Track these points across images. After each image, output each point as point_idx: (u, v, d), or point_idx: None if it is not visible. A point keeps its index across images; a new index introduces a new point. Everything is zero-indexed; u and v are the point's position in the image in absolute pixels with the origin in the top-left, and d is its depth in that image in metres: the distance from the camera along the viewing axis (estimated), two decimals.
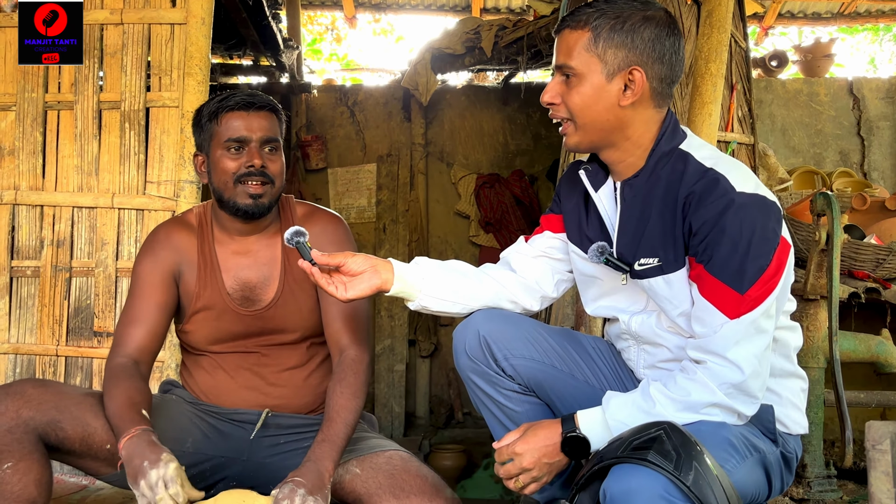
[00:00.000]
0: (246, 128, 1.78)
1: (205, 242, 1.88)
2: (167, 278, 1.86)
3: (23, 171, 2.70)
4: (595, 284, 1.71)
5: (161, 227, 1.96)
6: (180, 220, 1.95)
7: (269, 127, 1.81)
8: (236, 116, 1.78)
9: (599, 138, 1.55)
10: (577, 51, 1.50)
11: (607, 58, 1.49)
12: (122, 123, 2.67)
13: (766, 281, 1.42)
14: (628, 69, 1.49)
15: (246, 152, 1.79)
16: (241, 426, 1.87)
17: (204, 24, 2.60)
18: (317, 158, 5.53)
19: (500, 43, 4.65)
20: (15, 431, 1.57)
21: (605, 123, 1.53)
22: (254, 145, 1.79)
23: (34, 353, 2.64)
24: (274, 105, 1.84)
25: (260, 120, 1.79)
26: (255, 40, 4.73)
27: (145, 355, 1.81)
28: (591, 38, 1.49)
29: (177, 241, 1.89)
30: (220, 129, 1.79)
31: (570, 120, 1.55)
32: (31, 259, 2.69)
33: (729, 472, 1.33)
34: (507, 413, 1.73)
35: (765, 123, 5.18)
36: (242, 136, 1.78)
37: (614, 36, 1.48)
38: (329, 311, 1.85)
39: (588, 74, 1.50)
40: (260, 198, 1.80)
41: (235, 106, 1.77)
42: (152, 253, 1.88)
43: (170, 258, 1.87)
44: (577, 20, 1.51)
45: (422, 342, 5.46)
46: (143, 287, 1.84)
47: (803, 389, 1.65)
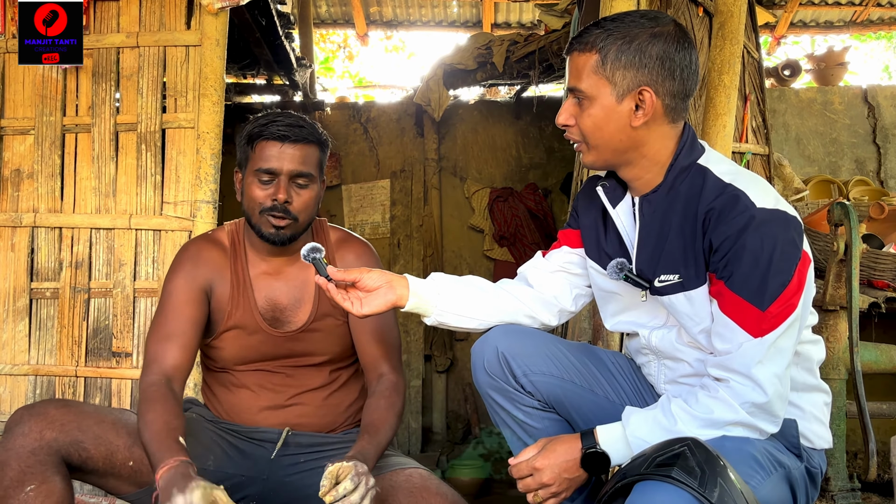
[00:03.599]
0: (277, 159, 1.74)
1: (237, 261, 1.87)
2: (199, 294, 1.84)
3: (42, 194, 2.73)
4: (614, 300, 1.70)
5: (192, 243, 1.95)
6: (211, 238, 1.93)
7: (302, 160, 1.76)
8: (271, 146, 1.74)
9: (614, 157, 1.55)
10: (585, 73, 1.50)
11: (616, 79, 1.48)
12: (139, 145, 2.70)
13: (787, 297, 1.41)
14: (637, 90, 1.48)
15: (274, 184, 1.76)
16: (261, 445, 1.86)
17: (218, 45, 2.63)
18: (331, 175, 5.56)
19: (512, 58, 4.67)
20: (38, 453, 1.57)
21: (619, 144, 1.52)
22: (283, 178, 1.75)
23: (54, 374, 2.66)
24: (315, 136, 1.79)
25: (294, 152, 1.75)
26: (268, 60, 4.77)
27: (179, 373, 1.77)
28: (598, 61, 1.48)
29: (208, 258, 1.87)
30: (254, 155, 1.77)
31: (582, 142, 1.55)
32: (50, 281, 2.71)
33: (754, 489, 1.32)
34: (527, 430, 1.71)
35: (779, 133, 5.16)
36: (272, 168, 1.75)
37: (622, 57, 1.47)
38: (362, 336, 1.85)
39: (598, 97, 1.50)
40: (282, 230, 1.78)
41: (271, 136, 1.74)
42: (184, 269, 1.85)
43: (202, 274, 1.85)
44: (585, 42, 1.50)
45: (438, 357, 5.45)
46: (177, 303, 1.81)
47: (826, 403, 1.63)
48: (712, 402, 1.43)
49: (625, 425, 1.48)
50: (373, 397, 1.78)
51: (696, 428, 1.42)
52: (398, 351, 1.87)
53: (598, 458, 1.48)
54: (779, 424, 1.47)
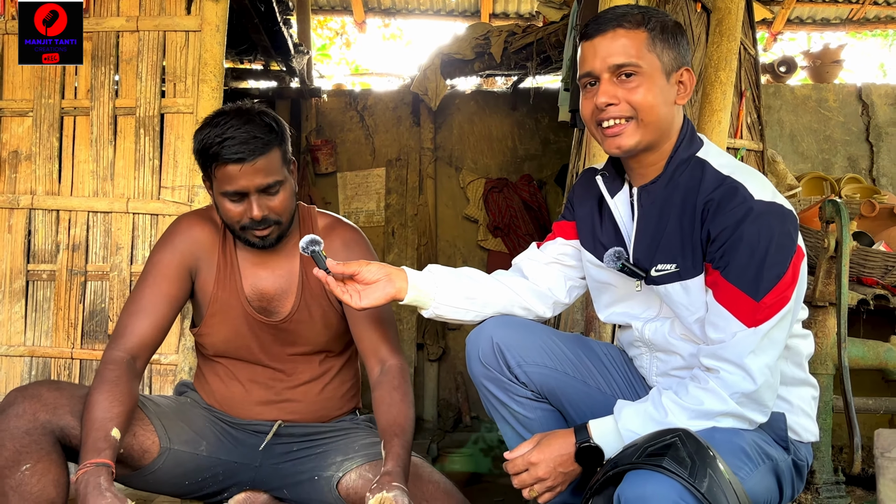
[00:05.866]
0: (242, 180, 1.68)
1: (227, 243, 1.86)
2: (182, 271, 1.83)
3: (39, 176, 2.73)
4: (608, 291, 1.73)
5: (184, 217, 1.92)
6: (205, 215, 1.91)
7: (266, 171, 1.70)
8: (231, 169, 1.67)
9: (656, 137, 1.55)
10: (639, 50, 1.51)
11: (664, 58, 1.52)
12: (138, 129, 2.70)
13: (782, 289, 1.44)
14: (679, 70, 1.54)
15: (246, 202, 1.71)
16: (253, 435, 1.88)
17: (218, 31, 2.63)
18: (326, 162, 5.56)
19: (510, 49, 4.67)
20: (32, 433, 1.58)
21: (664, 121, 1.54)
22: (252, 196, 1.71)
23: (49, 356, 2.67)
24: (271, 139, 1.71)
25: (256, 168, 1.68)
26: (266, 45, 4.77)
27: (144, 350, 1.76)
28: (649, 38, 1.51)
29: (198, 235, 1.85)
30: (216, 178, 1.71)
31: (631, 118, 1.53)
32: (46, 263, 2.71)
33: (742, 480, 1.35)
34: (520, 419, 1.74)
35: (773, 129, 5.19)
36: (239, 190, 1.70)
37: (667, 38, 1.53)
38: (360, 325, 1.83)
39: (653, 73, 1.51)
40: (266, 237, 1.77)
41: (228, 160, 1.66)
42: (171, 243, 1.84)
43: (189, 251, 1.84)
44: (630, 20, 1.52)
45: (430, 346, 5.48)
46: (156, 276, 1.80)
47: (814, 397, 1.66)
48: (702, 394, 1.46)
49: (617, 419, 1.51)
50: (383, 389, 1.75)
51: (687, 419, 1.45)
52: (396, 333, 1.87)
53: (591, 452, 1.51)
54: (767, 415, 1.50)
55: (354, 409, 2.01)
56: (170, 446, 1.78)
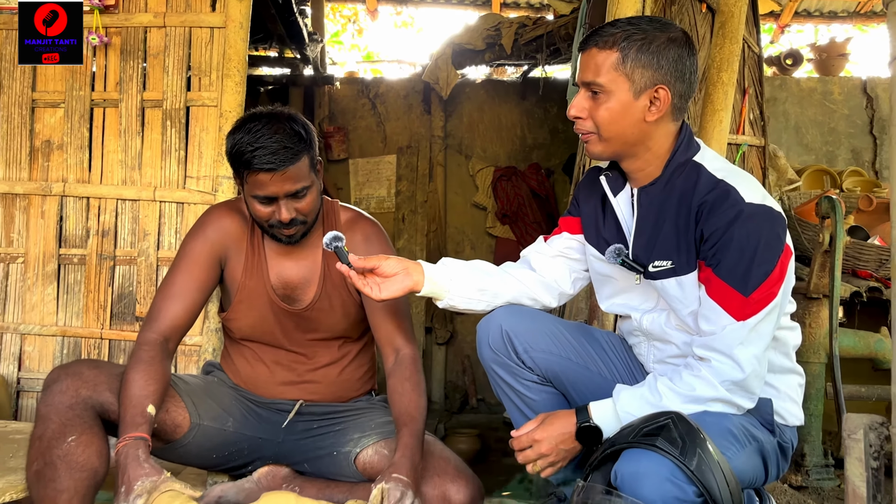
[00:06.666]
0: (272, 187, 1.78)
1: (255, 235, 1.96)
2: (212, 259, 1.94)
3: (71, 165, 2.84)
4: (610, 283, 1.84)
5: (215, 208, 2.03)
6: (234, 206, 2.01)
7: (295, 178, 1.79)
8: (262, 176, 1.76)
9: (622, 149, 1.66)
10: (605, 69, 1.59)
11: (635, 77, 1.58)
12: (164, 121, 2.81)
13: (769, 286, 1.54)
14: (654, 87, 1.59)
15: (274, 205, 1.81)
16: (277, 413, 1.99)
17: (242, 27, 2.73)
18: (339, 149, 5.65)
19: (520, 40, 4.75)
20: (75, 408, 1.70)
21: (630, 137, 1.63)
22: (281, 201, 1.81)
23: (80, 336, 2.79)
24: (301, 148, 1.79)
25: (286, 176, 1.77)
26: (281, 34, 4.85)
27: (176, 332, 1.88)
28: (619, 58, 1.58)
29: (228, 226, 1.96)
30: (247, 182, 1.81)
31: (594, 133, 1.65)
32: (77, 247, 2.83)
33: (729, 459, 1.46)
34: (526, 401, 1.86)
35: (779, 121, 5.26)
36: (268, 196, 1.80)
37: (641, 56, 1.58)
38: (377, 314, 1.92)
39: (616, 92, 1.60)
40: (293, 236, 1.87)
41: (260, 168, 1.75)
42: (203, 232, 1.95)
43: (219, 241, 1.94)
44: (605, 40, 1.60)
45: (438, 330, 5.59)
46: (188, 264, 1.92)
47: (800, 385, 1.77)
48: (695, 381, 1.57)
49: (615, 401, 1.62)
50: (396, 379, 1.85)
51: (680, 403, 1.56)
52: (410, 324, 1.96)
53: (591, 432, 1.62)
54: (755, 401, 1.61)
55: (371, 390, 2.13)
56: (199, 422, 1.90)
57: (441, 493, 1.73)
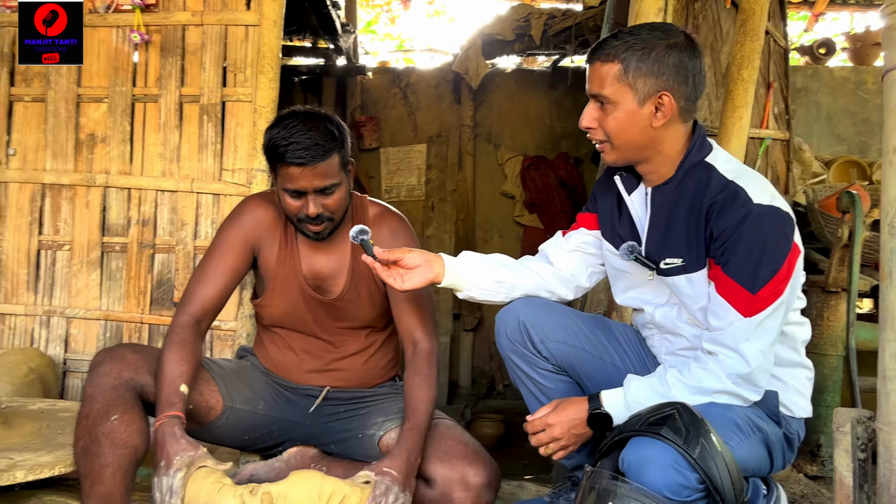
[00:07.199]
0: (302, 181, 1.85)
1: (288, 226, 2.05)
2: (245, 248, 2.02)
3: (113, 157, 2.96)
4: (624, 278, 1.90)
5: (250, 199, 2.12)
6: (269, 198, 2.09)
7: (325, 175, 1.86)
8: (293, 170, 1.84)
9: (634, 155, 1.73)
10: (609, 81, 1.66)
11: (637, 86, 1.65)
12: (201, 116, 2.91)
13: (776, 284, 1.59)
14: (657, 94, 1.65)
15: (303, 199, 1.89)
16: (305, 397, 2.09)
17: (275, 25, 2.83)
18: (370, 138, 5.75)
19: (549, 31, 4.79)
20: (118, 389, 1.80)
21: (640, 143, 1.70)
22: (310, 196, 1.88)
23: (122, 320, 2.93)
24: (332, 146, 1.87)
25: (315, 172, 1.84)
26: (314, 25, 4.96)
27: (207, 315, 1.97)
28: (621, 70, 1.65)
29: (262, 216, 2.04)
30: (279, 175, 1.89)
31: (607, 142, 1.72)
32: (119, 236, 2.96)
33: (732, 449, 1.52)
34: (542, 389, 1.94)
35: (811, 111, 5.22)
36: (298, 189, 1.87)
37: (642, 66, 1.64)
38: (400, 306, 2.00)
39: (621, 102, 1.66)
40: (320, 233, 1.95)
41: (292, 162, 1.83)
42: (237, 222, 2.04)
43: (253, 230, 2.03)
44: (607, 53, 1.67)
45: (466, 316, 5.67)
46: (222, 250, 2.01)
47: (809, 378, 1.82)
48: (702, 373, 1.64)
49: (626, 390, 1.69)
50: (410, 372, 1.93)
51: (688, 394, 1.63)
52: (432, 317, 2.04)
53: (602, 418, 1.69)
54: (760, 394, 1.67)
55: (394, 376, 2.22)
56: (232, 405, 2.00)
57: (459, 476, 1.79)
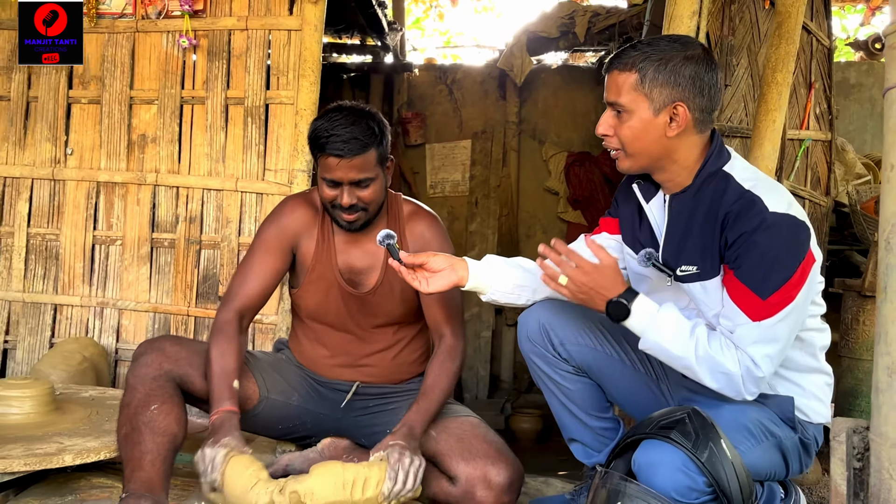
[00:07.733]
0: (339, 172, 1.93)
1: (325, 223, 2.13)
2: (285, 246, 2.11)
3: (162, 157, 3.10)
4: (645, 282, 1.92)
5: (289, 199, 2.20)
6: (308, 198, 2.18)
7: (361, 169, 1.93)
8: (332, 161, 1.92)
9: (648, 163, 1.76)
10: (625, 90, 1.69)
11: (653, 96, 1.68)
12: (245, 118, 3.03)
13: (787, 290, 1.61)
14: (672, 105, 1.68)
15: (339, 189, 1.97)
16: (336, 392, 2.17)
17: (316, 30, 2.92)
18: (416, 134, 5.83)
19: (594, 29, 4.80)
20: (159, 380, 1.90)
21: (654, 152, 1.73)
22: (345, 186, 1.95)
23: (169, 313, 3.08)
24: (371, 141, 1.93)
25: (352, 164, 1.92)
26: (362, 24, 5.06)
27: (250, 311, 2.06)
28: (637, 79, 1.68)
29: (301, 215, 2.13)
30: (319, 164, 1.98)
31: (621, 149, 1.75)
32: (168, 232, 3.10)
33: (742, 453, 1.55)
34: (563, 390, 1.99)
35: (864, 108, 5.11)
36: (335, 179, 1.95)
37: (659, 76, 1.67)
38: (429, 303, 2.08)
39: (636, 111, 1.69)
40: (354, 222, 2.02)
41: (331, 153, 1.91)
42: (277, 221, 2.13)
43: (292, 229, 2.11)
44: (625, 63, 1.70)
45: (508, 311, 5.71)
46: (264, 249, 2.09)
47: (828, 384, 1.82)
48: (725, 350, 1.63)
49: (659, 310, 1.69)
50: (434, 360, 2.02)
51: (700, 355, 1.63)
52: (459, 315, 2.10)
53: (620, 308, 1.69)
54: (754, 396, 1.66)
55: (423, 373, 2.26)
56: (267, 395, 2.09)
57: (482, 475, 1.84)
